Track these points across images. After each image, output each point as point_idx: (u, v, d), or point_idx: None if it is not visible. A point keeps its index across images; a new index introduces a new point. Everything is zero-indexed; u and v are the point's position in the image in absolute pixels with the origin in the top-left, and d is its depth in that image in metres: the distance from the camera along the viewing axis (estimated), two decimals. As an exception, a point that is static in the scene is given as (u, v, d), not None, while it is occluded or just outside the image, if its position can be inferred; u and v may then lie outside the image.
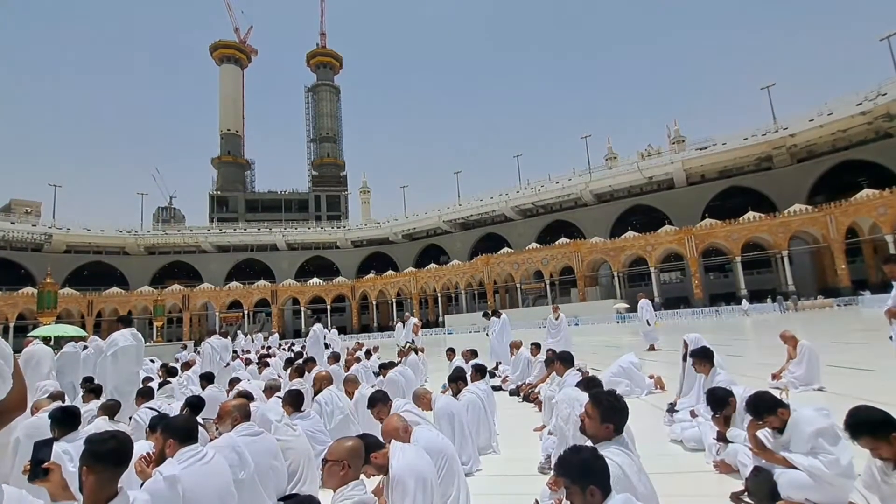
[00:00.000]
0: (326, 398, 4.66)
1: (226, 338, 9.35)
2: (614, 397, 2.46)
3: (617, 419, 2.36)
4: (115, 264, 53.73)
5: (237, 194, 76.00)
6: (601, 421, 2.34)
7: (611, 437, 2.35)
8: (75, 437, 3.32)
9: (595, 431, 2.35)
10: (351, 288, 53.93)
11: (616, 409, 2.38)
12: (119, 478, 2.06)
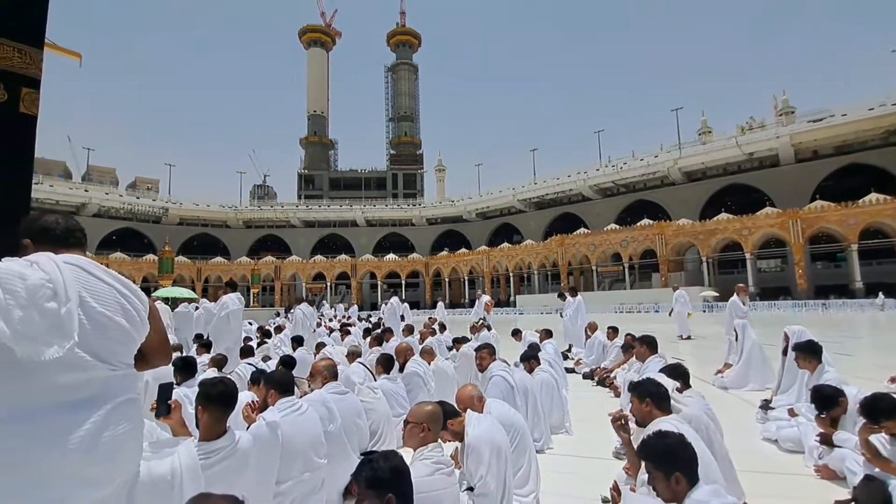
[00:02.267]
0: (414, 367, 4.89)
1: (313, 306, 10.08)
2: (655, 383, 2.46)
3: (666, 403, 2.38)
4: (219, 236, 59.59)
5: (322, 173, 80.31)
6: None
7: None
8: (193, 383, 3.82)
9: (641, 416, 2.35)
10: (425, 264, 55.31)
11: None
12: (227, 418, 2.35)
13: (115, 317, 1.57)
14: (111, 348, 1.55)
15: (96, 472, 1.48)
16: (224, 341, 6.60)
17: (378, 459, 1.63)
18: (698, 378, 6.19)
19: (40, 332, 1.39)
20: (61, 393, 1.44)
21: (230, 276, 49.50)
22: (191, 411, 3.24)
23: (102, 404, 1.53)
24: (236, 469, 2.27)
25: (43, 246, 1.64)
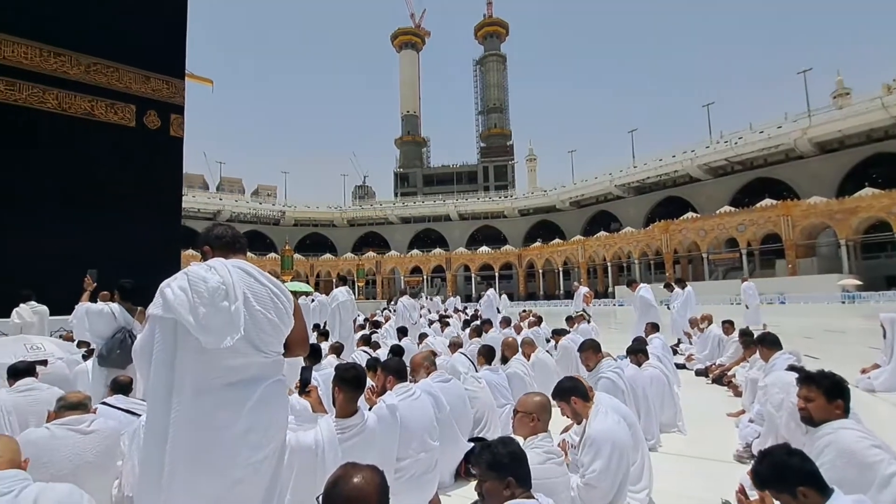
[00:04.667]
0: (517, 366, 4.94)
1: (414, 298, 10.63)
2: (832, 374, 2.18)
3: (846, 396, 2.10)
4: (327, 234, 64.74)
5: (416, 170, 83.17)
6: (828, 400, 2.09)
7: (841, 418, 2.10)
8: (319, 367, 4.33)
9: (823, 414, 2.11)
10: (518, 256, 54.83)
11: (840, 385, 2.11)
12: (358, 398, 2.67)
13: (268, 313, 1.90)
14: (265, 339, 1.88)
15: (256, 437, 1.81)
16: (336, 330, 7.28)
17: (497, 445, 1.73)
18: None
19: (218, 325, 1.74)
20: (231, 373, 1.79)
21: (338, 271, 53.57)
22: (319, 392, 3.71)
23: (261, 383, 1.87)
24: (366, 444, 2.57)
25: (217, 251, 2.03)
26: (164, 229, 11.19)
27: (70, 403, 2.92)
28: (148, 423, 1.84)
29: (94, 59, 10.28)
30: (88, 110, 10.18)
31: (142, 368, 1.93)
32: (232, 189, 69.47)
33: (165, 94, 11.19)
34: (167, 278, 1.84)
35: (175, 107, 11.31)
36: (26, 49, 9.59)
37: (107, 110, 10.40)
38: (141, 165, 10.69)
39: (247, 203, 60.52)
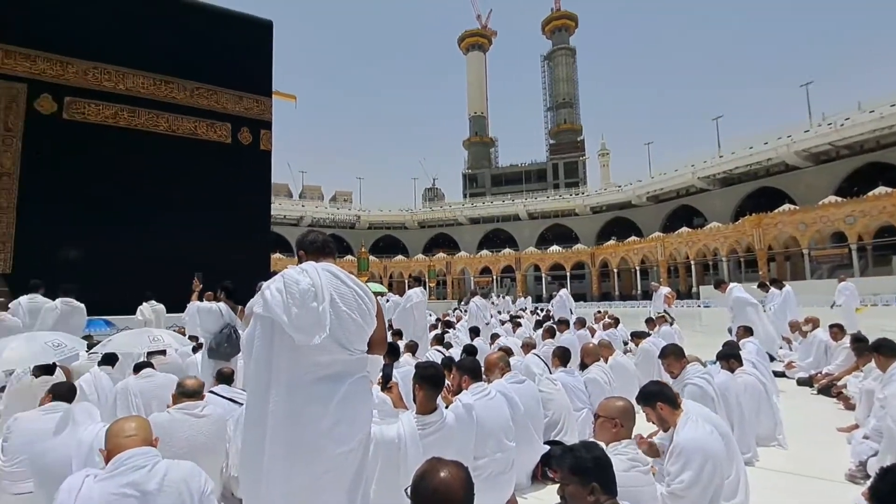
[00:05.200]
0: (597, 373, 4.75)
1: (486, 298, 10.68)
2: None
3: None
4: (399, 237, 66.79)
5: (484, 171, 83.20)
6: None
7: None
8: (398, 365, 4.52)
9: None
10: (590, 255, 52.85)
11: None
12: (437, 396, 2.76)
13: (353, 314, 2.04)
14: (350, 338, 2.01)
15: (342, 430, 1.94)
16: (410, 330, 7.50)
17: (580, 448, 1.70)
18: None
19: (307, 324, 1.90)
20: (319, 369, 1.95)
21: (409, 272, 55.04)
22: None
23: (346, 379, 2.01)
24: (444, 441, 2.66)
25: (310, 256, 2.22)
26: (256, 235, 12.33)
27: (187, 390, 3.31)
28: (248, 412, 2.05)
29: (197, 84, 11.71)
30: (192, 130, 11.57)
31: (245, 360, 2.17)
32: (312, 196, 74.02)
33: (256, 112, 12.38)
34: (259, 279, 2.06)
35: (264, 123, 12.47)
36: (143, 79, 11.11)
37: (207, 130, 11.76)
38: (236, 178, 11.93)
39: (326, 208, 64.31)
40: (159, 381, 4.09)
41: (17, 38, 10.39)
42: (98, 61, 11.03)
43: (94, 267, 9.23)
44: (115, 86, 11.08)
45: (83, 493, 1.78)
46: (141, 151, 11.01)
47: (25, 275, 7.30)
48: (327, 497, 1.90)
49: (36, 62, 10.50)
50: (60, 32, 10.80)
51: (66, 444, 2.76)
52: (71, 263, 9.17)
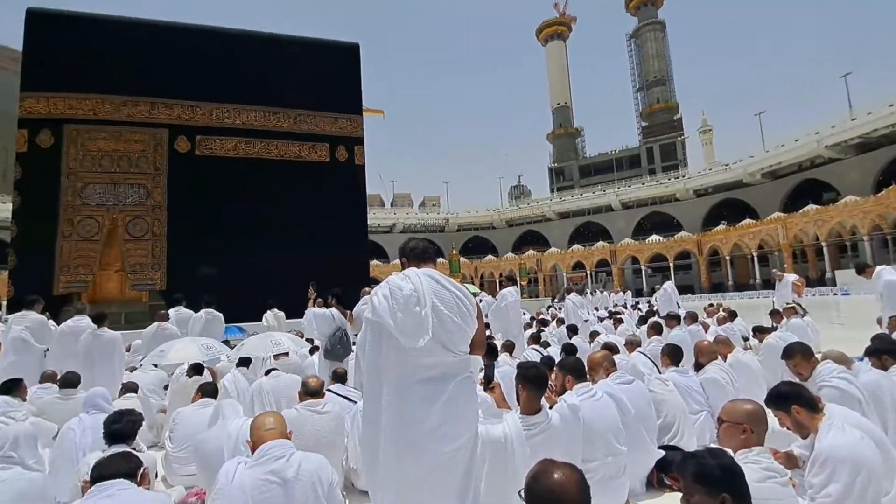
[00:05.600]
0: (716, 372, 4.34)
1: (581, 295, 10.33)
2: None
3: None
4: (487, 236, 67.10)
5: (571, 163, 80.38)
6: None
7: None
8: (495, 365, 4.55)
9: None
10: (696, 242, 48.36)
11: None
12: (541, 397, 2.75)
13: (454, 317, 2.11)
14: (452, 340, 2.09)
15: (450, 428, 2.02)
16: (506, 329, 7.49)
17: (704, 455, 1.57)
18: None
19: (412, 328, 2.01)
20: (425, 370, 2.05)
21: (500, 271, 54.99)
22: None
23: (451, 380, 2.08)
24: (551, 442, 2.64)
25: (412, 262, 2.32)
26: (354, 244, 13.36)
27: (310, 389, 3.66)
28: (365, 409, 2.22)
29: (299, 111, 13.19)
30: (297, 153, 13.04)
31: (360, 361, 2.36)
32: (403, 203, 77.32)
33: (349, 130, 13.50)
34: (360, 285, 2.24)
35: (357, 139, 13.60)
36: (255, 113, 12.81)
37: (309, 151, 13.16)
38: (335, 193, 13.11)
39: (416, 214, 66.88)
40: (286, 381, 4.58)
41: (158, 91, 12.42)
42: (219, 102, 12.85)
43: (226, 281, 10.72)
44: (234, 121, 12.84)
45: (237, 477, 2.07)
46: (257, 177, 12.69)
47: (176, 291, 8.73)
48: (439, 493, 1.99)
49: (173, 109, 12.51)
50: (188, 81, 12.69)
51: (217, 435, 3.18)
52: (209, 279, 10.75)
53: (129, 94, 12.21)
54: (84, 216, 11.53)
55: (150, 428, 4.77)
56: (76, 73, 11.96)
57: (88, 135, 11.84)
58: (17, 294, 10.36)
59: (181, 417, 4.10)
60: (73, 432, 3.62)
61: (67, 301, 10.71)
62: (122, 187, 11.82)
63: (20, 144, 11.70)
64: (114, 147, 11.91)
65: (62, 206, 11.44)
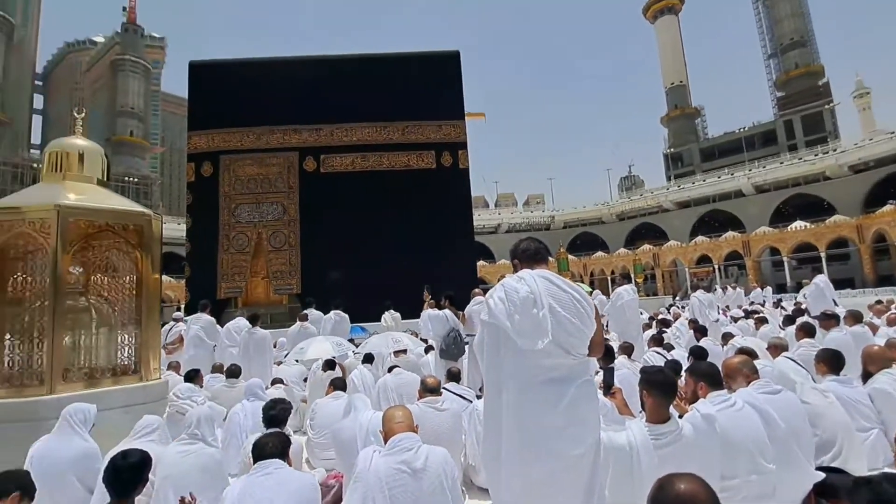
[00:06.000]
0: (888, 384, 3.66)
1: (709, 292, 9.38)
2: None
3: None
4: (597, 232, 64.00)
5: (690, 146, 73.12)
6: None
7: None
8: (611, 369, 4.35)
9: None
10: (855, 228, 40.59)
11: None
12: (669, 405, 2.58)
13: (572, 318, 2.07)
14: (571, 342, 2.05)
15: (575, 431, 1.98)
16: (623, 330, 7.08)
17: (882, 482, 1.36)
18: None
19: (530, 330, 2.01)
20: (544, 372, 2.04)
21: (611, 268, 52.06)
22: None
23: (572, 382, 2.05)
24: (683, 454, 2.46)
25: (524, 264, 2.31)
26: (461, 246, 13.78)
27: (429, 387, 3.88)
28: (486, 406, 2.29)
29: (407, 122, 14.11)
30: (406, 163, 13.92)
31: (478, 359, 2.43)
32: (507, 203, 77.26)
33: (453, 136, 14.03)
34: (469, 286, 2.30)
35: (461, 144, 14.05)
36: (368, 129, 14.05)
37: (417, 160, 13.95)
38: (443, 197, 13.66)
39: (520, 213, 66.39)
40: (407, 379, 4.90)
41: (288, 119, 14.24)
42: (338, 123, 14.22)
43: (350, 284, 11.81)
44: (350, 139, 14.13)
45: (373, 463, 2.29)
46: (372, 188, 13.86)
47: (309, 294, 10.05)
48: (565, 496, 1.99)
49: (301, 134, 14.21)
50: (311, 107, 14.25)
51: (351, 425, 3.52)
52: (336, 283, 11.97)
53: (267, 124, 14.23)
54: (237, 232, 13.69)
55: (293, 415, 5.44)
56: (227, 112, 14.27)
57: (238, 163, 14.09)
58: (192, 299, 12.65)
59: (319, 407, 4.62)
60: (238, 416, 4.30)
61: (227, 304, 12.89)
62: (264, 205, 13.83)
63: (189, 175, 14.34)
64: (257, 171, 13.99)
65: (221, 224, 13.71)
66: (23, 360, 3.77)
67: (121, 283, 4.25)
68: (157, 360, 4.34)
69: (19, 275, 3.89)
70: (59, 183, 4.06)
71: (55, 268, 3.68)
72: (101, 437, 3.26)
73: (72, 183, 4.07)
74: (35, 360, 3.74)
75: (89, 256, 4.12)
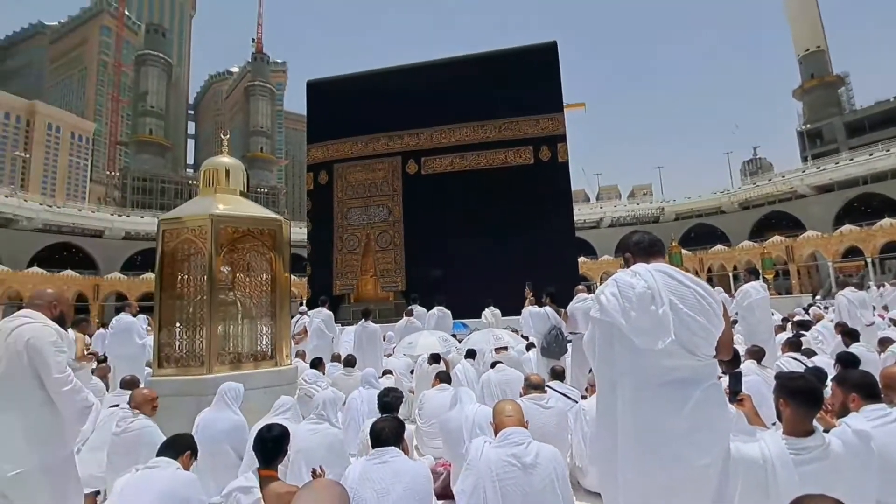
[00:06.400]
0: None
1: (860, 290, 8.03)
2: None
3: None
4: (715, 223, 57.86)
5: (831, 121, 62.72)
6: None
7: None
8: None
9: None
10: None
11: None
12: (812, 417, 2.28)
13: (696, 316, 1.91)
14: (696, 342, 1.89)
15: (701, 438, 1.83)
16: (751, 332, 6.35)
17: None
18: None
19: (648, 328, 1.89)
20: (664, 373, 1.89)
21: (733, 263, 46.76)
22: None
23: (697, 385, 1.89)
24: (830, 474, 2.17)
25: (638, 258, 2.15)
26: (562, 242, 13.44)
27: (533, 383, 3.88)
28: (599, 405, 2.21)
29: (504, 120, 14.24)
30: (503, 160, 14.03)
31: (588, 358, 2.34)
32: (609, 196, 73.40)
33: (551, 129, 13.77)
34: (570, 283, 2.22)
35: (559, 137, 13.74)
36: (466, 130, 14.45)
37: (515, 156, 13.97)
38: (542, 193, 13.46)
39: (624, 206, 62.43)
40: (509, 376, 4.94)
41: (391, 126, 15.15)
42: (437, 126, 14.84)
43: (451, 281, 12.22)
44: (449, 140, 14.67)
45: (484, 453, 2.37)
46: (471, 187, 14.26)
47: (413, 291, 10.63)
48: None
49: (403, 139, 15.08)
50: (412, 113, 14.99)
51: (457, 417, 3.66)
52: (438, 280, 12.47)
53: (372, 132, 15.34)
54: (349, 234, 14.95)
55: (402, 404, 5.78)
56: (339, 123, 15.66)
57: (348, 170, 15.39)
58: (313, 295, 14.13)
59: (426, 398, 4.85)
60: (356, 401, 4.71)
61: (342, 300, 14.14)
62: (372, 208, 14.93)
63: (308, 184, 16.06)
64: (364, 177, 15.17)
65: (335, 227, 15.08)
66: (188, 344, 4.53)
67: (258, 280, 4.89)
68: (288, 348, 4.92)
69: (183, 274, 4.68)
70: (212, 196, 4.79)
71: (210, 267, 4.36)
72: (246, 412, 3.80)
73: (221, 195, 4.79)
74: (197, 344, 4.46)
75: (234, 258, 4.81)
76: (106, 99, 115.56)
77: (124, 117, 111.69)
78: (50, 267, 43.72)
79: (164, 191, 79.24)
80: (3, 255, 42.49)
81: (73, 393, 2.45)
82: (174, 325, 4.61)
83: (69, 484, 2.56)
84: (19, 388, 2.39)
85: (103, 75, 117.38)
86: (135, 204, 70.49)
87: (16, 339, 2.42)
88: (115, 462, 3.35)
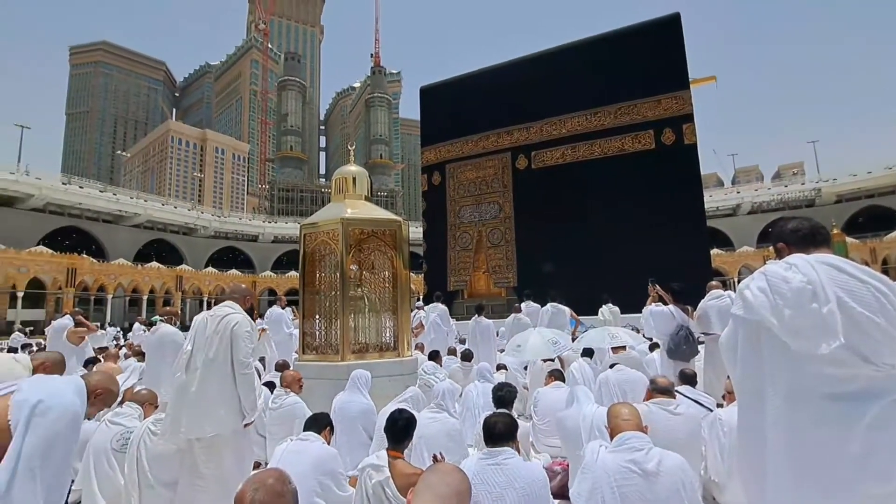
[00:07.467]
0: None
1: None
2: None
3: None
4: (890, 205, 47.47)
5: None
6: None
7: None
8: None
9: None
10: None
11: None
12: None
13: (874, 317, 1.57)
14: (873, 347, 1.54)
15: (880, 463, 1.49)
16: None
17: None
18: None
19: (808, 329, 1.58)
20: (829, 384, 1.54)
21: None
22: None
23: (875, 400, 1.54)
24: None
25: (794, 248, 1.84)
26: (691, 232, 12.02)
27: (660, 387, 3.63)
28: (742, 419, 1.91)
29: (619, 105, 13.32)
30: (620, 147, 13.11)
31: (727, 363, 2.06)
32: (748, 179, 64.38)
33: (675, 109, 12.44)
34: (700, 277, 1.97)
35: (685, 117, 12.32)
36: (577, 119, 13.82)
37: (633, 142, 12.97)
38: (664, 179, 12.23)
39: (768, 190, 53.92)
40: (630, 377, 4.67)
41: (500, 122, 15.19)
42: (547, 118, 14.46)
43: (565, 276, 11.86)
44: (560, 132, 14.19)
45: (601, 457, 2.31)
46: (585, 179, 13.57)
47: (526, 287, 10.54)
48: None
49: (512, 134, 15.03)
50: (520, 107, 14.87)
51: (574, 415, 3.58)
52: (551, 276, 12.20)
53: (481, 130, 15.59)
54: (461, 231, 15.42)
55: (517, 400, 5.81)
56: (449, 124, 16.25)
57: (460, 169, 15.87)
58: (429, 290, 14.86)
59: (541, 395, 4.82)
60: (471, 394, 4.87)
61: (455, 296, 14.66)
62: (483, 206, 15.19)
63: (423, 185, 16.90)
64: (475, 175, 15.51)
65: (448, 225, 15.66)
66: (325, 335, 5.12)
67: (381, 277, 5.34)
68: (409, 340, 5.28)
69: (321, 272, 5.31)
70: (342, 202, 5.35)
71: (342, 265, 4.89)
72: (372, 398, 4.19)
73: (350, 200, 5.34)
74: (332, 335, 5.03)
75: (361, 257, 5.31)
76: (256, 122, 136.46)
77: (270, 137, 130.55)
78: (220, 267, 52.84)
79: (302, 199, 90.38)
80: (189, 259, 52.39)
81: (250, 377, 3.05)
82: (314, 317, 5.26)
83: (246, 450, 3.20)
84: (222, 367, 3.00)
85: (254, 102, 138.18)
86: (280, 212, 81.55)
87: (225, 325, 3.04)
88: (274, 432, 3.98)
